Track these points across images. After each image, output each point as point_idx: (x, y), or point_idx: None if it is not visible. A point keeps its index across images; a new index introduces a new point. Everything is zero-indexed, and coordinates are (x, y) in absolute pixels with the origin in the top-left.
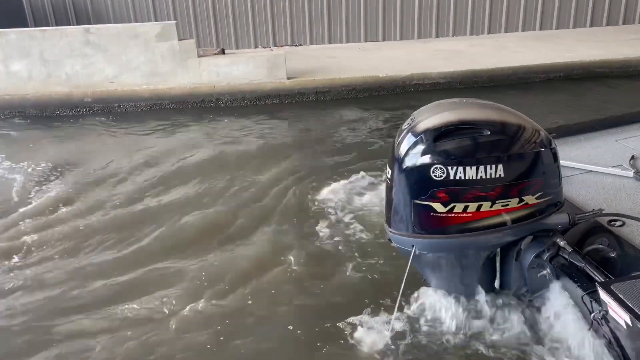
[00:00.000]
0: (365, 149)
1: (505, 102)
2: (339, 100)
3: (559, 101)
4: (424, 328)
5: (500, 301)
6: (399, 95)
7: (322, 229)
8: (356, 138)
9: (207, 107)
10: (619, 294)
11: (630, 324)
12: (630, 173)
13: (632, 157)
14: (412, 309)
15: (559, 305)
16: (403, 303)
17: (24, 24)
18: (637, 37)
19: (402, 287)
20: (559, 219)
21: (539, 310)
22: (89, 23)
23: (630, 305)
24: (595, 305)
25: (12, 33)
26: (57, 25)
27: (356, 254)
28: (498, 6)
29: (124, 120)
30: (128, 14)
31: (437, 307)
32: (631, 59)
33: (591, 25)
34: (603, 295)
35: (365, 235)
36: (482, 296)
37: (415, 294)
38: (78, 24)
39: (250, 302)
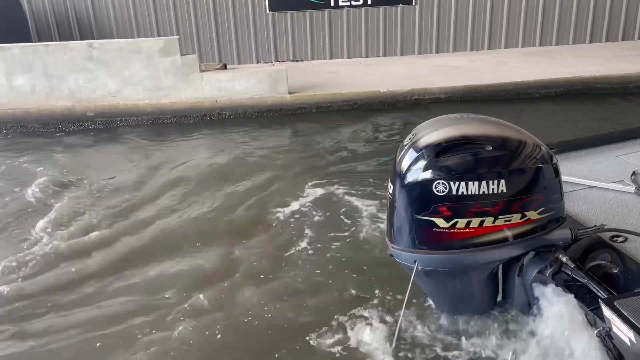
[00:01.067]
0: (366, 164)
1: (505, 118)
2: (340, 115)
3: (559, 116)
4: (427, 345)
5: (503, 317)
6: (400, 110)
7: (323, 242)
8: (357, 153)
9: (208, 121)
10: (623, 311)
11: (635, 341)
12: (632, 189)
13: (634, 173)
14: (415, 325)
15: (562, 322)
16: (406, 319)
17: (28, 39)
18: (637, 53)
19: (404, 303)
20: (561, 234)
21: (541, 327)
22: (92, 38)
23: (634, 322)
24: (598, 321)
25: (16, 48)
26: (60, 40)
27: (357, 269)
28: (497, 22)
29: (126, 134)
30: (131, 29)
31: (440, 323)
32: (631, 74)
33: (591, 41)
34: (606, 312)
35: (366, 250)
36: (485, 312)
37: (418, 310)
38: (81, 38)
39: (244, 314)
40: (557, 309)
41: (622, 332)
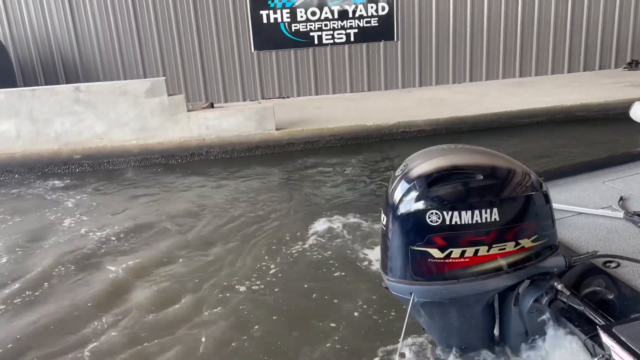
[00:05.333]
0: (357, 197)
1: (492, 147)
2: (328, 150)
3: (543, 145)
4: None
5: (501, 348)
6: (387, 144)
7: (316, 277)
8: (347, 186)
9: (196, 160)
10: (622, 337)
11: None
12: (620, 214)
13: (621, 198)
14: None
15: (561, 350)
16: (403, 353)
17: (14, 84)
18: (614, 81)
19: (401, 336)
20: (555, 262)
21: (540, 356)
22: (79, 81)
23: (633, 348)
24: (597, 349)
25: (1, 93)
26: (46, 83)
27: (353, 303)
28: (478, 55)
29: (114, 176)
30: (117, 72)
31: (438, 356)
32: (610, 102)
33: (569, 71)
34: (605, 338)
35: (361, 283)
36: (482, 343)
37: (415, 344)
38: (67, 82)
39: (237, 346)
40: (555, 337)
41: (622, 358)
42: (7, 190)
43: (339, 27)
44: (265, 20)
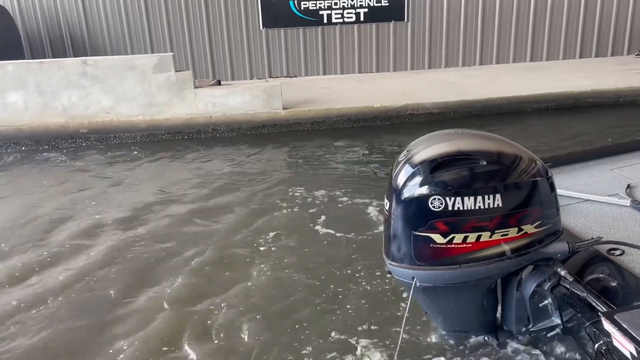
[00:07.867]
0: (361, 180)
1: (499, 132)
2: (335, 131)
3: (552, 130)
4: None
5: (502, 333)
6: (394, 126)
7: (318, 259)
8: (353, 168)
9: (203, 137)
10: (623, 324)
11: (636, 355)
12: (627, 202)
13: (628, 186)
14: (415, 344)
15: (563, 336)
16: (405, 337)
17: (22, 57)
18: (626, 67)
19: (404, 320)
20: (558, 247)
21: (541, 341)
22: (86, 55)
23: (635, 335)
24: (599, 335)
25: (10, 65)
26: (54, 57)
27: (355, 286)
28: (489, 38)
29: (120, 151)
30: (125, 46)
31: (440, 340)
32: (621, 88)
33: (580, 57)
34: (607, 325)
35: (363, 267)
36: (485, 328)
37: (418, 328)
38: (75, 56)
39: (232, 334)
40: (557, 323)
41: (623, 345)
42: (20, 162)
43: (349, 6)
44: None
